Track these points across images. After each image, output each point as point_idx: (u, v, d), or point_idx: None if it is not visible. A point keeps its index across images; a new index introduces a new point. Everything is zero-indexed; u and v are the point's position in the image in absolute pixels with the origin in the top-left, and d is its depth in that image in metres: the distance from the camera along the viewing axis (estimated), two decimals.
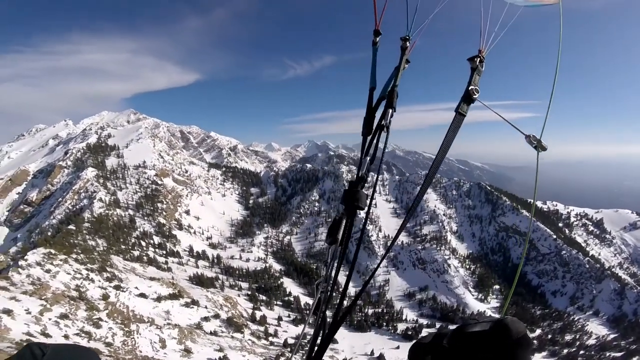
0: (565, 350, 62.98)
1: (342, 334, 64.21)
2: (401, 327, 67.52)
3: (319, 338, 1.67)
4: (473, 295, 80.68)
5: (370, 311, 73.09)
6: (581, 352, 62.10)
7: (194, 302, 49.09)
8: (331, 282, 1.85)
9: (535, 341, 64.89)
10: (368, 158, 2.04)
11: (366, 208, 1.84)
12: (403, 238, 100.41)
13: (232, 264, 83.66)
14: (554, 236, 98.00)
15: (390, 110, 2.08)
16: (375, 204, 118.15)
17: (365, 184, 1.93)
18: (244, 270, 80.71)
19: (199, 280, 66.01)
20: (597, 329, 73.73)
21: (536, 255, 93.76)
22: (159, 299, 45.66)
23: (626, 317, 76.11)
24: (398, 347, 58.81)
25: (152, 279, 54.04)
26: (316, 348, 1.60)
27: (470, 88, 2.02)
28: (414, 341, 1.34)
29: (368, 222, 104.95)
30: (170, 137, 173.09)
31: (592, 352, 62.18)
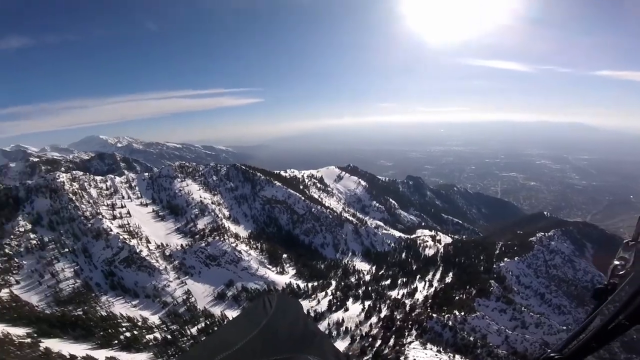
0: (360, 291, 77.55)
1: None
2: None
3: None
4: (273, 271, 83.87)
5: (193, 330, 60.55)
6: (368, 288, 78.42)
7: None
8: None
9: (339, 292, 76.59)
10: None
11: None
12: (180, 241, 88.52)
13: None
14: (303, 197, 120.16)
15: None
16: (129, 212, 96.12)
17: None
18: None
19: None
20: (362, 266, 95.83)
21: (298, 218, 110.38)
22: None
23: (370, 250, 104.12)
24: None
25: None
26: None
27: None
28: None
29: (129, 236, 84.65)
30: None
31: (375, 287, 79.73)
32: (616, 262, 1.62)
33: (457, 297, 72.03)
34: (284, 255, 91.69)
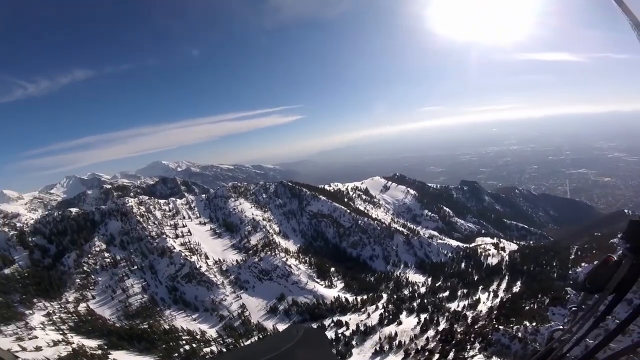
0: (415, 303, 74.15)
1: None
2: None
3: None
4: (321, 285, 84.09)
5: (246, 344, 62.74)
6: (424, 301, 74.77)
7: None
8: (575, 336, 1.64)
9: (391, 305, 74.14)
10: None
11: None
12: (235, 256, 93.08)
13: None
14: (348, 210, 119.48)
15: None
16: (189, 231, 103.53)
17: None
18: None
19: None
20: (416, 277, 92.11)
21: (344, 231, 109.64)
22: None
23: (425, 261, 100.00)
24: None
25: None
26: None
27: None
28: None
29: (190, 253, 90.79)
30: None
31: (432, 299, 75.88)
32: (560, 327, 1.71)
33: (527, 307, 64.76)
34: (332, 269, 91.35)
